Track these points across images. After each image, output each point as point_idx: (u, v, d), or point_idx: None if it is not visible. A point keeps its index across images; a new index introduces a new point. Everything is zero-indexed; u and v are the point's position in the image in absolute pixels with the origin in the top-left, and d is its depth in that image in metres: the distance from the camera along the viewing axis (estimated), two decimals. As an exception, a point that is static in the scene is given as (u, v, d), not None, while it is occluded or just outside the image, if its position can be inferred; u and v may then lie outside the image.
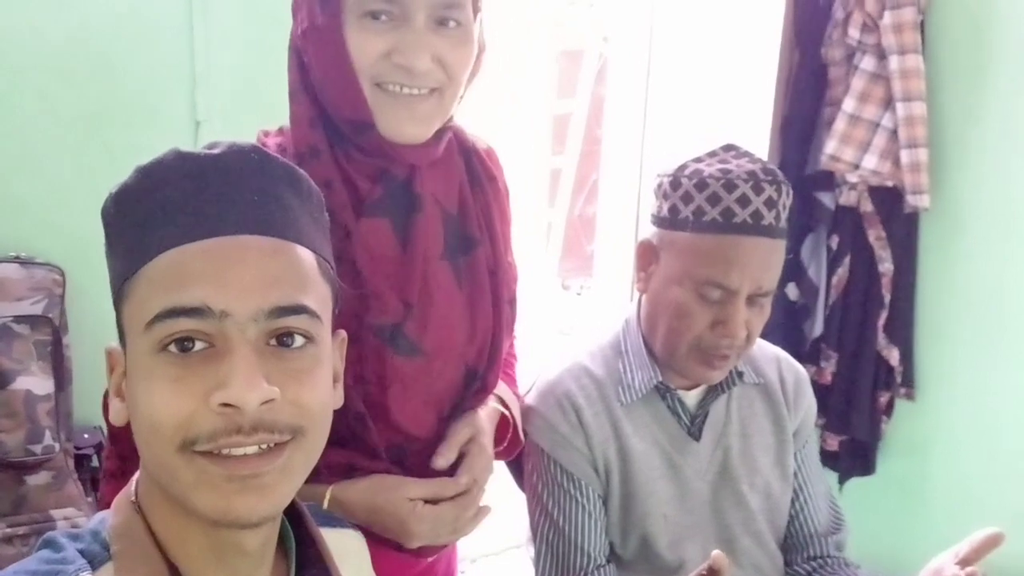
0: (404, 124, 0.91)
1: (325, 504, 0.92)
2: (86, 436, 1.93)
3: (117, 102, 1.94)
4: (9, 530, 1.70)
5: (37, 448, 1.75)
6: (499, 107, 4.38)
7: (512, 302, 1.08)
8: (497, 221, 1.06)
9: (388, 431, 0.97)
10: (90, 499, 1.84)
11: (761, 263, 1.06)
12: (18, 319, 1.78)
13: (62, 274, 1.87)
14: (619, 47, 3.24)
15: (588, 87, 4.69)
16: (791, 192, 1.09)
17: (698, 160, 1.10)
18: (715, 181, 1.06)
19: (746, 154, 1.10)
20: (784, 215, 1.08)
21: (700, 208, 1.06)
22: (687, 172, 1.09)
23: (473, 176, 1.04)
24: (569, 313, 4.61)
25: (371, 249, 0.94)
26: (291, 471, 0.64)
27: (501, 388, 1.11)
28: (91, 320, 1.86)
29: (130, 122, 1.95)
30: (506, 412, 1.10)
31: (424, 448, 1.00)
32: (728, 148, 1.11)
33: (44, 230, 1.90)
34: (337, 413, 0.71)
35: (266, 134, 0.99)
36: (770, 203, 1.06)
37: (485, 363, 1.03)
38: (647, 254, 1.14)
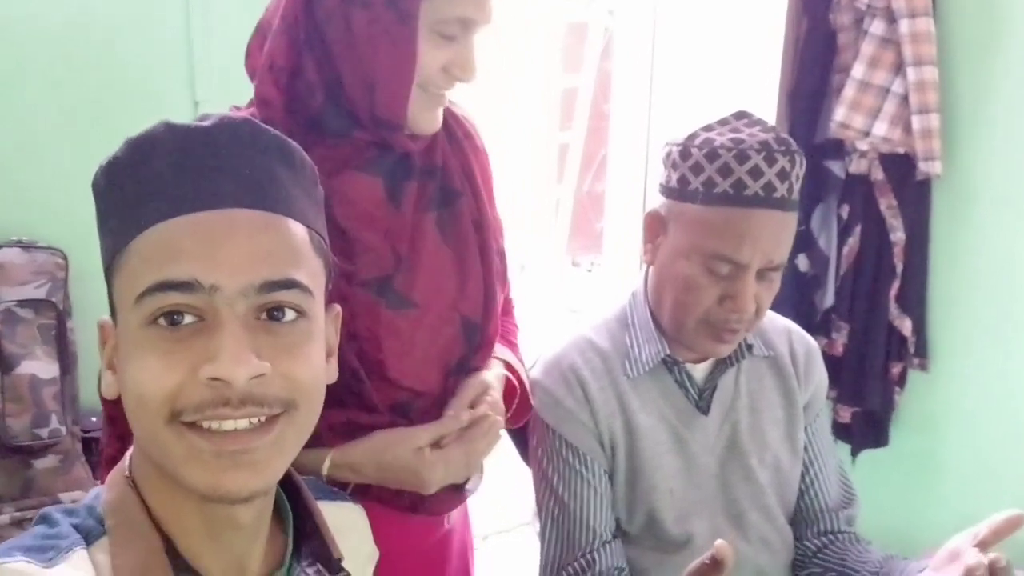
0: (428, 120, 0.97)
1: (326, 468, 0.93)
2: (94, 419, 1.93)
3: (117, 85, 1.94)
4: (18, 514, 1.70)
5: (44, 432, 1.75)
6: (505, 82, 4.34)
7: (501, 253, 1.08)
8: (478, 174, 1.06)
9: (388, 388, 0.97)
10: (98, 482, 1.85)
11: (772, 237, 1.03)
12: (22, 303, 1.78)
13: (64, 258, 1.87)
14: (624, 20, 3.20)
15: (594, 61, 4.63)
16: (804, 162, 1.06)
17: (709, 129, 1.06)
18: (726, 151, 1.02)
19: (759, 122, 1.07)
20: (797, 186, 1.05)
21: (711, 179, 1.03)
22: (697, 141, 1.05)
23: (450, 133, 1.05)
24: (579, 291, 4.59)
25: (354, 202, 0.94)
26: (282, 446, 0.64)
27: (506, 354, 1.11)
28: (95, 303, 1.84)
29: (130, 105, 1.94)
30: (511, 377, 1.09)
31: (431, 405, 1.00)
32: (740, 116, 1.08)
33: (46, 214, 1.89)
34: None
35: (238, 109, 0.98)
36: (783, 174, 1.02)
37: (481, 314, 1.03)
38: (655, 225, 1.11)
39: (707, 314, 1.06)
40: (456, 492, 1.05)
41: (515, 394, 1.10)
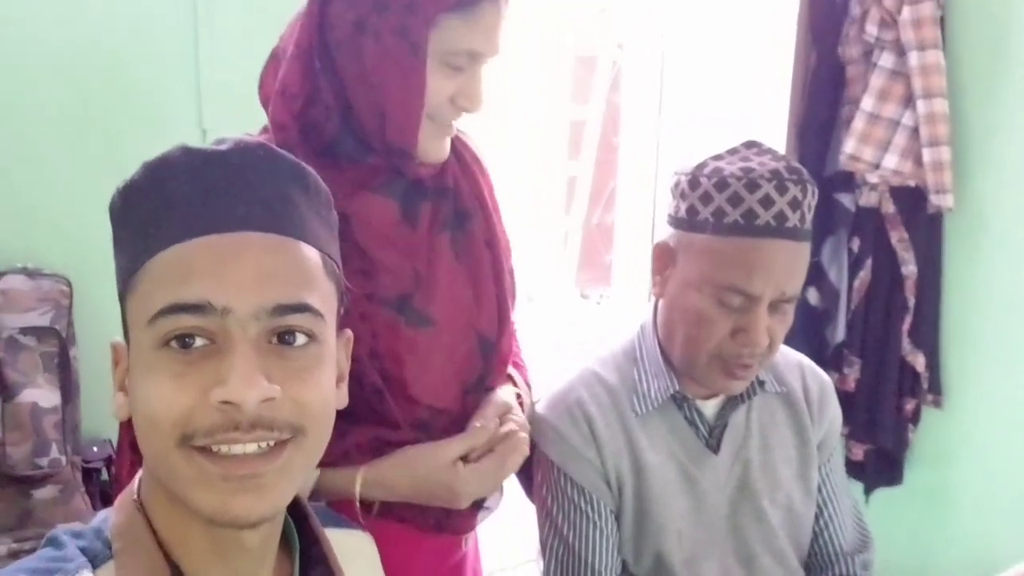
0: (437, 149, 0.99)
1: (358, 486, 0.94)
2: (95, 449, 1.91)
3: (125, 112, 1.95)
4: (15, 545, 1.68)
5: (43, 461, 1.74)
6: (515, 113, 4.36)
7: (511, 272, 1.10)
8: (487, 195, 1.08)
9: (409, 405, 0.98)
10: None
11: (785, 268, 1.01)
12: (25, 331, 1.77)
13: (69, 285, 1.86)
14: (633, 53, 3.21)
15: (602, 93, 4.65)
16: (816, 191, 1.04)
17: (718, 158, 1.04)
18: (736, 180, 1.00)
19: (769, 151, 1.05)
20: (809, 216, 1.02)
21: (720, 209, 1.01)
22: (706, 171, 1.03)
23: (458, 155, 1.07)
24: (588, 323, 4.57)
25: (371, 223, 0.96)
26: (290, 471, 0.63)
27: (515, 375, 1.13)
28: (99, 331, 1.84)
29: (138, 132, 1.95)
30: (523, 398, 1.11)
31: (451, 423, 1.01)
32: (750, 145, 1.06)
33: (52, 241, 1.89)
34: (355, 391, 0.73)
35: (251, 135, 0.99)
36: (795, 204, 1.00)
37: (496, 330, 1.05)
38: (664, 257, 1.09)
39: (719, 348, 1.03)
40: (478, 510, 1.06)
41: None
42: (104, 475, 1.90)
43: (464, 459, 0.98)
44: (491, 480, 1.00)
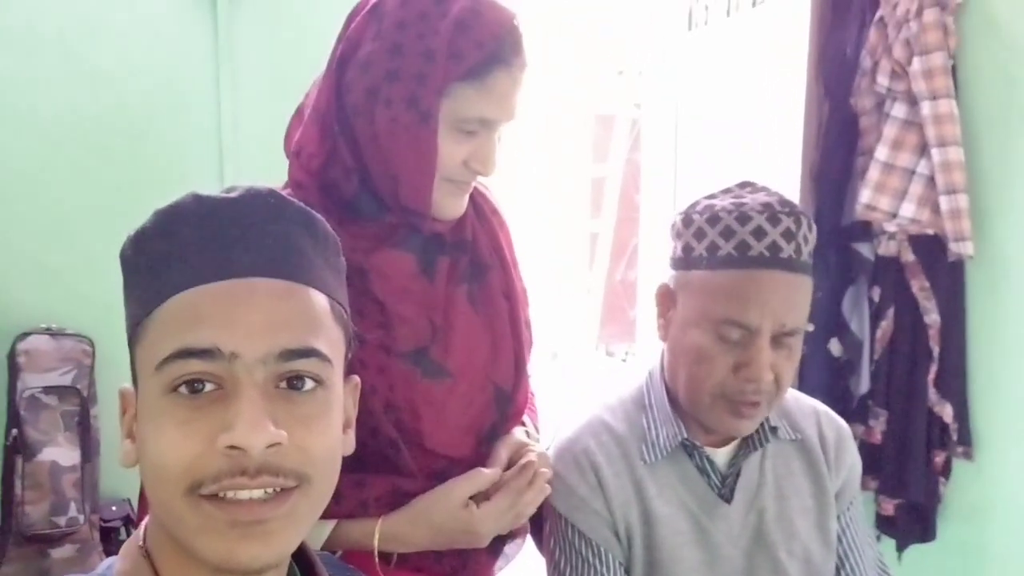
0: (453, 207, 1.01)
1: (376, 540, 0.94)
2: (114, 508, 1.92)
3: (147, 174, 2.00)
4: (31, 605, 1.67)
5: (62, 520, 1.74)
6: (537, 171, 4.42)
7: (528, 323, 1.11)
8: (505, 248, 1.10)
9: (424, 456, 0.99)
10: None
11: (783, 300, 1.00)
12: (47, 390, 1.80)
13: (92, 345, 1.89)
14: (650, 112, 3.26)
15: (621, 152, 4.71)
16: (813, 226, 1.04)
17: (711, 197, 1.06)
18: (727, 214, 1.01)
19: (763, 189, 1.06)
20: (806, 248, 1.02)
21: (713, 243, 1.02)
22: (699, 208, 1.05)
23: (477, 209, 1.09)
24: (615, 380, 4.53)
25: (389, 277, 0.98)
26: (296, 518, 0.63)
27: (526, 420, 1.14)
28: (120, 390, 1.87)
29: (161, 191, 1.97)
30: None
31: (463, 472, 1.01)
32: (744, 185, 1.07)
33: (75, 301, 1.93)
34: (370, 443, 0.74)
35: None
36: (788, 235, 1.00)
37: (512, 382, 1.06)
38: (665, 299, 1.09)
39: (722, 386, 1.02)
40: (494, 556, 1.06)
41: None
42: (123, 534, 1.90)
43: (476, 499, 0.98)
44: (508, 516, 1.00)
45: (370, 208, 0.98)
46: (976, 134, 1.91)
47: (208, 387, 0.60)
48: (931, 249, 1.95)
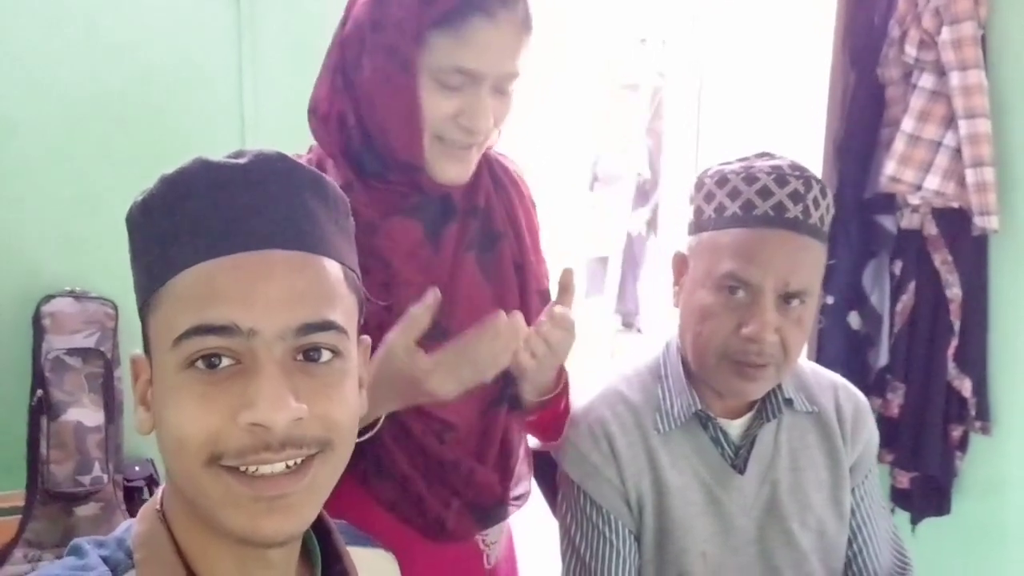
0: (455, 170, 0.99)
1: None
2: (136, 468, 1.95)
3: (170, 144, 2.01)
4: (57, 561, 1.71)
5: (86, 479, 1.78)
6: (557, 142, 4.39)
7: (542, 293, 1.09)
8: (522, 218, 1.08)
9: (422, 418, 0.98)
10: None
11: (786, 259, 0.99)
12: (71, 352, 1.83)
13: (115, 308, 1.91)
14: (673, 81, 3.22)
15: (644, 121, 4.66)
16: (827, 192, 1.03)
17: (724, 163, 1.06)
18: (735, 176, 1.02)
19: (778, 157, 1.06)
20: (815, 212, 1.01)
21: (721, 204, 1.02)
22: (710, 172, 1.06)
23: (495, 177, 1.08)
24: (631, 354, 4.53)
25: (397, 242, 0.97)
26: (317, 488, 0.64)
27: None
28: (143, 353, 1.90)
29: (182, 161, 2.01)
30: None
31: (467, 435, 1.01)
32: (762, 155, 1.07)
33: (98, 266, 1.95)
34: None
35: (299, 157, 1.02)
36: (795, 196, 1.00)
37: None
38: (680, 266, 1.10)
39: (725, 346, 1.02)
40: (478, 521, 1.04)
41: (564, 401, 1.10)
42: (145, 494, 1.93)
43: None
44: (463, 369, 0.92)
45: (373, 167, 0.97)
46: (1004, 106, 1.88)
47: (226, 362, 0.60)
48: (954, 222, 1.93)
